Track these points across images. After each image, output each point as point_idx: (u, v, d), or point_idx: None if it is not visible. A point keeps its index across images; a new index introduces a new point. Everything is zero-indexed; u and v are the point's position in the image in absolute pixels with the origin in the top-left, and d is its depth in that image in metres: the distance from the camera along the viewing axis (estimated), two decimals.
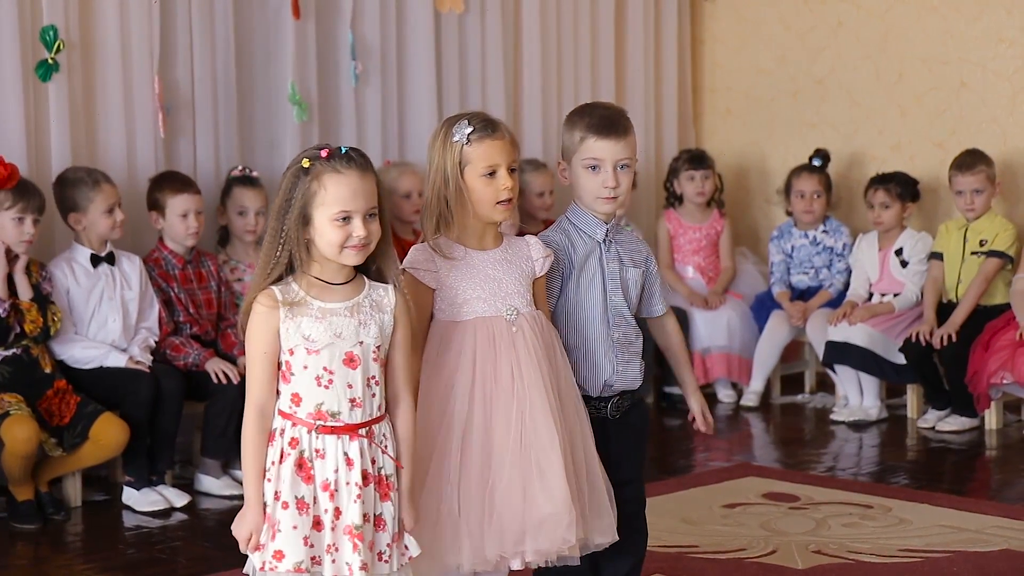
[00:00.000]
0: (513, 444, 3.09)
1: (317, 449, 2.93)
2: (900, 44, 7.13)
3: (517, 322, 3.16)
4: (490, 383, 3.12)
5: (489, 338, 3.14)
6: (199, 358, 5.39)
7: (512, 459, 3.09)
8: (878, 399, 6.52)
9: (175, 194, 5.54)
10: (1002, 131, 6.81)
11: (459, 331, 3.15)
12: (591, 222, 3.37)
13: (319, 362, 2.92)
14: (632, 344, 3.39)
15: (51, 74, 5.48)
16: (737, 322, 6.94)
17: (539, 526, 3.07)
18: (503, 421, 3.10)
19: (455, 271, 3.16)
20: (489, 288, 3.17)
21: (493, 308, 3.16)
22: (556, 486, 3.07)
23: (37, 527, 4.96)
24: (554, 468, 3.07)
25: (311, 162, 2.92)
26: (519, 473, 3.08)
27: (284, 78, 6.14)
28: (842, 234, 6.96)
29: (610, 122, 3.33)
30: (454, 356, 3.14)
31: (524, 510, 3.07)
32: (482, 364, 3.12)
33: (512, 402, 3.10)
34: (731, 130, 7.79)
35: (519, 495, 3.08)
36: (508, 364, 3.12)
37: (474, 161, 3.15)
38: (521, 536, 3.08)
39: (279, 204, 2.93)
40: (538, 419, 3.10)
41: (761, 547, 4.55)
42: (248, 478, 2.94)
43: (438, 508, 3.08)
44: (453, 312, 3.16)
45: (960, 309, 6.25)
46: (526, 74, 7.06)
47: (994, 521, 4.79)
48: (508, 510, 3.07)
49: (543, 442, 3.09)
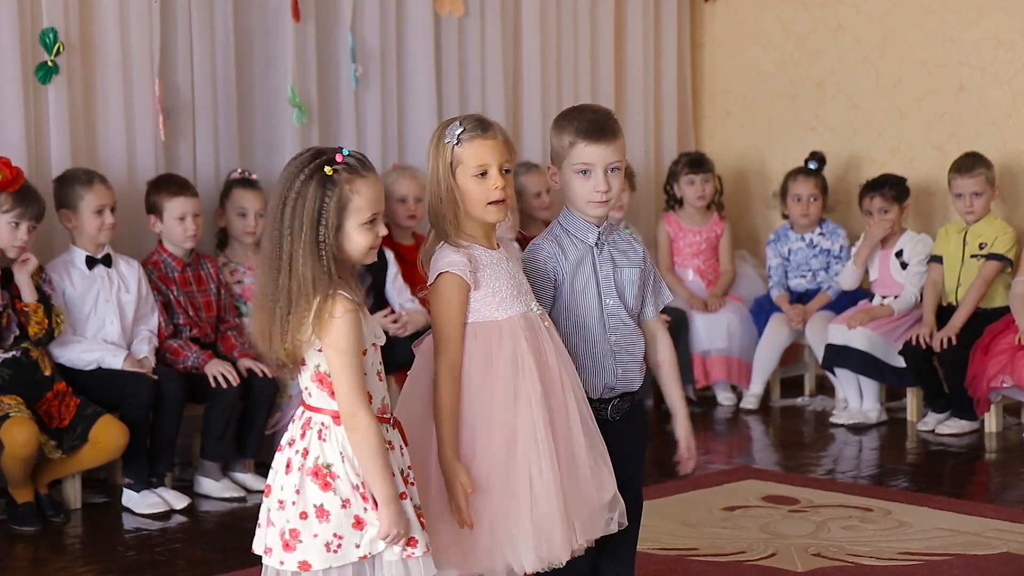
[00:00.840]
0: (566, 441, 3.14)
1: (390, 442, 2.98)
2: (899, 47, 7.13)
3: (544, 317, 3.19)
4: (545, 379, 3.13)
5: (533, 334, 3.15)
6: (198, 361, 5.39)
7: (572, 453, 3.14)
8: (878, 402, 6.52)
9: (172, 197, 5.54)
10: (1001, 134, 6.81)
11: (507, 328, 3.14)
12: (582, 227, 3.37)
13: (377, 358, 3.00)
14: (631, 346, 3.38)
15: (51, 76, 5.48)
16: (737, 325, 6.94)
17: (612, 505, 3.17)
18: (560, 416, 3.15)
19: (487, 270, 3.16)
20: (515, 285, 3.18)
21: (524, 305, 3.18)
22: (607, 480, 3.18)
23: (37, 529, 4.96)
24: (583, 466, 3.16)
25: (333, 169, 2.92)
26: (581, 467, 3.15)
27: (284, 81, 6.14)
28: (839, 236, 6.96)
29: (599, 126, 3.32)
30: (504, 353, 3.12)
31: (586, 503, 3.14)
32: (528, 361, 3.12)
33: (560, 398, 3.15)
34: (730, 133, 7.80)
35: (589, 484, 3.15)
36: (548, 361, 3.15)
37: (465, 161, 3.15)
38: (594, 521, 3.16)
39: (310, 216, 2.90)
40: (572, 415, 3.17)
41: (761, 550, 4.55)
42: (383, 477, 2.91)
43: (519, 515, 3.09)
44: (490, 312, 3.15)
45: (960, 312, 6.25)
46: (525, 77, 7.06)
47: (994, 524, 4.79)
48: (585, 500, 3.14)
49: (579, 438, 3.16)
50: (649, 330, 3.48)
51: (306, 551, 2.92)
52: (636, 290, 3.41)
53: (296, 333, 2.91)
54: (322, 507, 2.92)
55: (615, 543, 3.36)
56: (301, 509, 2.93)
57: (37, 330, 5.08)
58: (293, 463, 2.96)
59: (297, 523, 2.93)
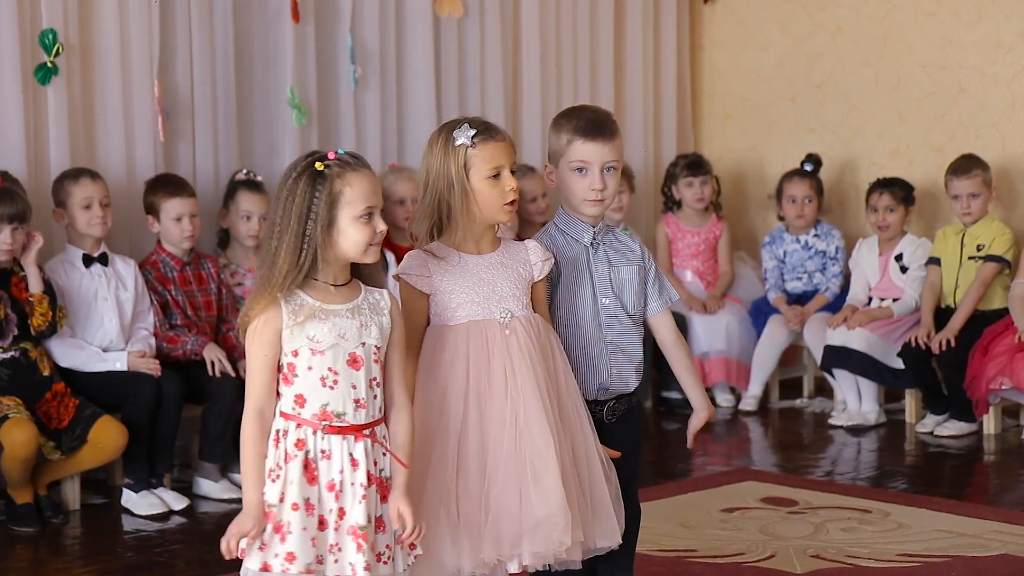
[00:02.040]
0: (508, 447, 3.09)
1: (323, 450, 2.94)
2: (899, 49, 7.13)
3: (511, 325, 3.16)
4: (484, 386, 3.12)
5: (482, 341, 3.14)
6: (197, 344, 5.39)
7: (506, 462, 3.09)
8: (876, 404, 6.52)
9: (169, 197, 5.53)
10: (1001, 136, 6.82)
11: (452, 334, 3.15)
12: (578, 226, 3.37)
13: (324, 363, 2.93)
14: (627, 346, 3.38)
15: (50, 77, 5.49)
16: (736, 326, 6.94)
17: (534, 529, 3.07)
18: (497, 424, 3.10)
19: (448, 275, 3.16)
20: (482, 291, 3.17)
21: (486, 311, 3.16)
22: (551, 488, 3.06)
23: (36, 530, 4.96)
24: (549, 471, 3.07)
25: (324, 165, 2.93)
26: (513, 476, 3.08)
27: (283, 82, 6.14)
28: (834, 237, 6.97)
29: (597, 125, 3.33)
30: (448, 360, 3.14)
31: (519, 513, 3.07)
32: (476, 367, 3.12)
33: (506, 405, 3.10)
34: (730, 135, 7.80)
35: (514, 498, 3.08)
36: (502, 367, 3.12)
37: (479, 164, 3.15)
38: (517, 538, 3.07)
39: (299, 211, 2.90)
40: (532, 421, 3.10)
41: (759, 551, 4.55)
42: (250, 480, 2.94)
43: (436, 512, 3.08)
44: (446, 316, 3.17)
45: (958, 314, 6.25)
46: (525, 78, 7.06)
47: (992, 526, 4.79)
48: (503, 513, 3.07)
49: (537, 444, 3.09)
50: (658, 326, 3.48)
51: None
52: (636, 288, 3.40)
53: (245, 319, 2.96)
54: (269, 508, 2.94)
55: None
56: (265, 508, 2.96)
57: (40, 322, 5.08)
58: None
59: None
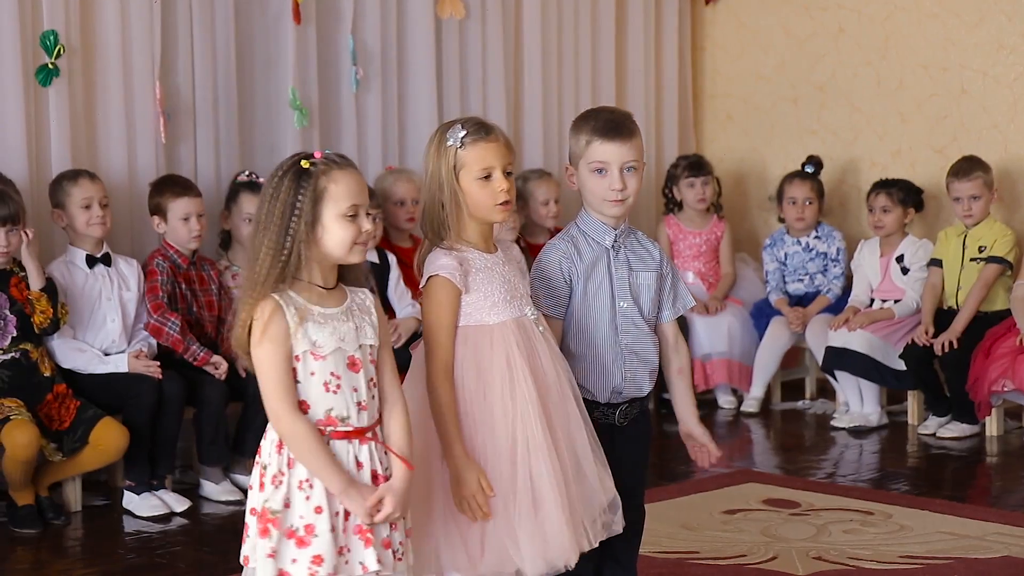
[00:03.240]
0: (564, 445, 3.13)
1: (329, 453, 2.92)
2: (901, 51, 7.13)
3: (539, 322, 3.18)
4: (540, 382, 3.12)
5: (526, 338, 3.15)
6: (202, 352, 5.39)
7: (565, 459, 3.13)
8: (878, 405, 6.52)
9: (176, 198, 5.53)
10: (1003, 138, 6.81)
11: (499, 333, 3.13)
12: (599, 228, 3.37)
13: (326, 368, 2.91)
14: (643, 350, 3.37)
15: (51, 79, 5.48)
16: (737, 328, 6.94)
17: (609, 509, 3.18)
18: (556, 422, 3.13)
19: (480, 274, 3.16)
20: (508, 289, 3.17)
21: (518, 309, 3.17)
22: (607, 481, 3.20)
23: (37, 532, 4.95)
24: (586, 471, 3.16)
25: (310, 163, 2.92)
26: (580, 474, 3.15)
27: (285, 83, 6.14)
28: (835, 239, 6.96)
29: (615, 125, 3.33)
30: (495, 359, 3.12)
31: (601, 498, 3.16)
32: (521, 366, 3.11)
33: (556, 403, 3.14)
34: (731, 136, 7.79)
35: (596, 487, 3.16)
36: (543, 365, 3.15)
37: (469, 164, 3.15)
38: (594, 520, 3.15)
39: (282, 209, 2.90)
40: (572, 420, 3.16)
41: (761, 553, 4.54)
42: (329, 470, 2.88)
43: (522, 519, 3.08)
44: (481, 315, 3.15)
45: (961, 316, 6.24)
46: (527, 80, 7.06)
47: (995, 528, 4.79)
48: (592, 502, 3.15)
49: (578, 444, 3.15)
50: (664, 333, 3.47)
51: (249, 547, 2.92)
52: (652, 294, 3.40)
53: (242, 322, 2.91)
54: (254, 508, 2.92)
55: (618, 548, 3.36)
56: (251, 505, 2.94)
57: (42, 319, 5.07)
58: (256, 460, 2.98)
59: (248, 518, 2.94)
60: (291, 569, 2.87)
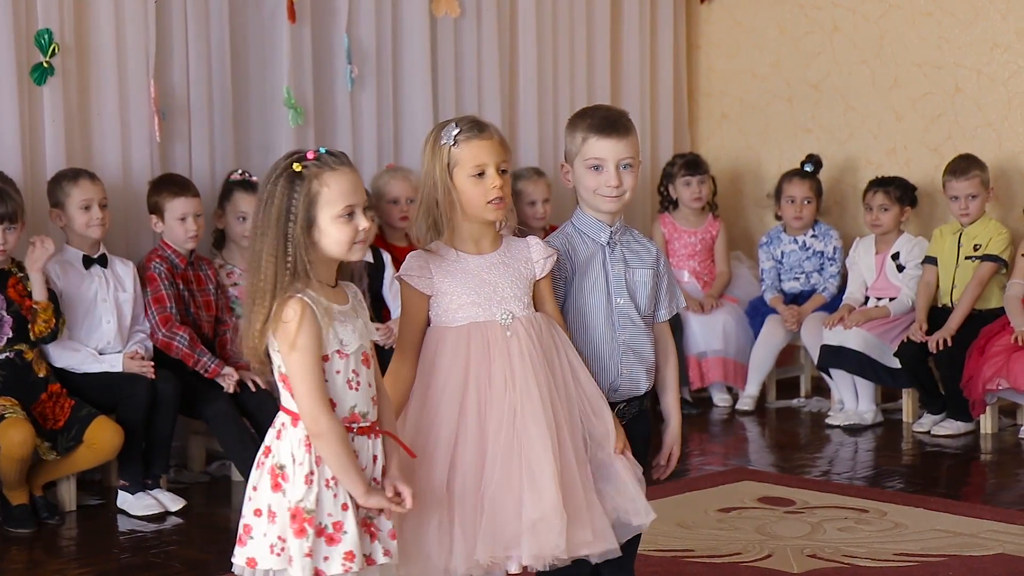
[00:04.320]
0: (504, 449, 3.09)
1: (355, 451, 2.94)
2: (895, 49, 7.13)
3: (512, 327, 3.16)
4: (484, 389, 3.12)
5: (483, 343, 3.14)
6: (214, 363, 5.38)
7: (503, 463, 3.08)
8: (873, 403, 6.52)
9: (173, 197, 5.53)
10: (997, 136, 6.82)
11: (453, 336, 3.15)
12: (595, 225, 3.37)
13: (349, 365, 2.93)
14: (640, 347, 3.37)
15: (46, 78, 5.48)
16: (732, 326, 6.94)
17: (530, 530, 3.06)
18: (495, 427, 3.10)
19: (449, 276, 3.16)
20: (484, 293, 3.17)
21: (487, 313, 3.16)
22: (546, 491, 3.06)
23: (31, 531, 4.95)
24: (545, 473, 3.07)
25: (302, 165, 2.92)
26: (509, 478, 3.08)
27: (279, 82, 6.14)
28: (832, 238, 6.96)
29: (611, 122, 3.33)
30: (448, 361, 3.14)
31: (514, 514, 3.07)
32: (476, 370, 3.12)
33: (504, 408, 3.10)
34: (726, 135, 7.80)
35: (509, 500, 3.07)
36: (502, 369, 3.12)
37: (462, 162, 3.16)
38: (513, 540, 3.07)
39: (278, 214, 2.89)
40: (530, 423, 3.09)
41: (756, 551, 4.55)
42: (353, 473, 2.90)
43: (429, 512, 3.08)
44: (447, 318, 3.17)
45: (956, 314, 6.25)
46: (522, 78, 7.06)
47: (989, 525, 4.79)
48: (499, 514, 3.07)
49: (535, 446, 3.08)
50: (656, 329, 3.47)
51: (255, 548, 2.92)
52: (649, 291, 3.40)
53: (255, 331, 2.90)
54: (271, 507, 2.91)
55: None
56: (256, 506, 2.93)
57: (43, 328, 5.07)
58: (261, 460, 2.97)
59: (251, 519, 2.93)
60: (324, 567, 2.89)
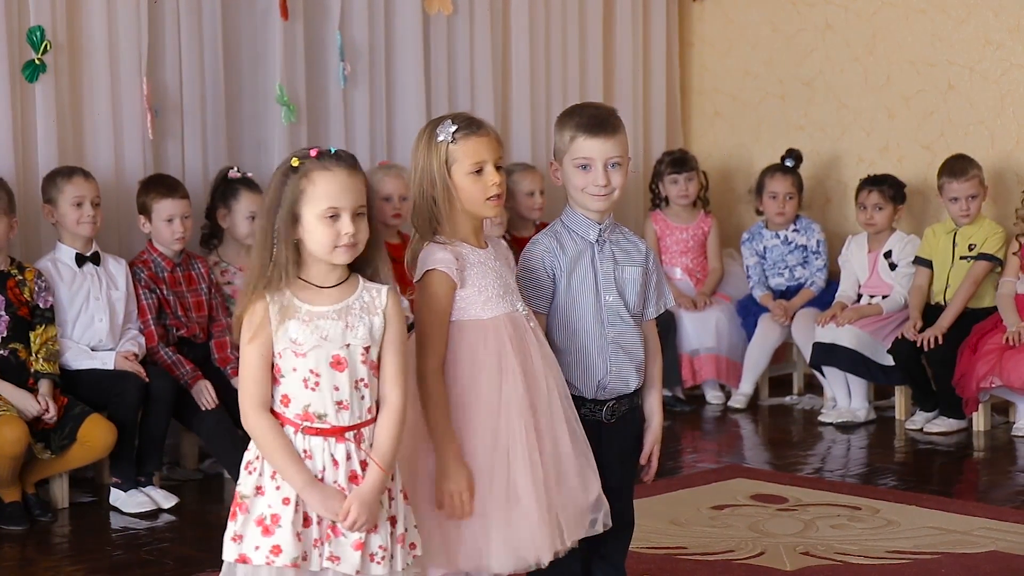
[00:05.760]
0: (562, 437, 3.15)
1: (305, 450, 2.94)
2: (888, 46, 7.14)
3: (530, 317, 3.18)
4: (530, 378, 3.13)
5: (519, 334, 3.15)
6: (189, 377, 5.37)
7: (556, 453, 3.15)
8: (866, 401, 6.52)
9: (161, 199, 5.51)
10: (990, 134, 6.82)
11: (492, 328, 3.14)
12: (583, 223, 3.37)
13: (306, 364, 2.93)
14: (629, 344, 3.37)
15: (38, 75, 5.47)
16: (725, 324, 6.94)
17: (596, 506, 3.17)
18: (542, 416, 3.14)
19: (473, 269, 3.16)
20: (501, 285, 3.18)
21: (510, 305, 3.18)
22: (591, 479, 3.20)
23: (24, 529, 4.94)
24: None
25: (300, 161, 2.95)
26: (574, 468, 3.16)
27: (272, 79, 6.13)
28: (814, 231, 6.96)
29: (599, 121, 3.33)
30: (488, 353, 3.12)
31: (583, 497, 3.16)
32: (511, 361, 3.12)
33: (542, 397, 3.15)
34: (719, 132, 7.80)
35: (576, 485, 3.15)
36: (532, 360, 3.15)
37: (461, 159, 3.16)
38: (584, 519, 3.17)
39: (269, 203, 2.95)
40: (556, 415, 3.16)
41: (749, 549, 4.55)
42: (292, 469, 2.91)
43: (496, 515, 3.09)
44: (474, 311, 3.15)
45: (948, 312, 6.25)
46: (514, 76, 7.05)
47: (981, 523, 4.80)
48: (571, 501, 3.14)
49: (562, 440, 3.16)
50: (643, 328, 3.47)
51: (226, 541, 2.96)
52: (638, 289, 3.40)
53: (236, 320, 2.98)
54: (242, 500, 2.96)
55: (608, 546, 3.36)
56: (238, 500, 2.98)
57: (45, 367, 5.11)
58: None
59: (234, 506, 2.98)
60: (252, 555, 2.92)
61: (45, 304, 5.18)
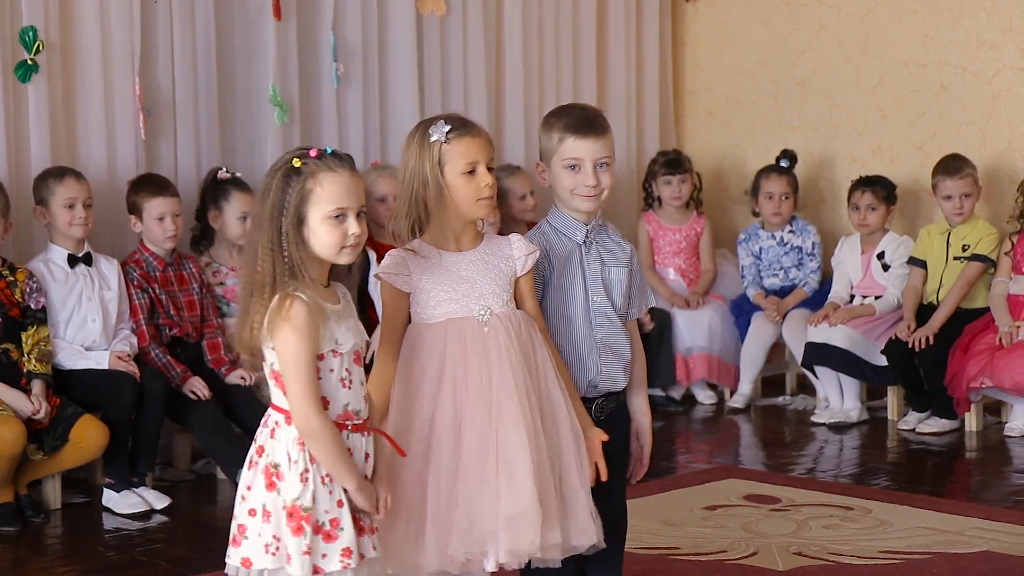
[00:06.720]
0: (480, 445, 3.09)
1: (348, 449, 2.94)
2: (880, 47, 7.14)
3: (490, 323, 3.16)
4: (460, 385, 3.12)
5: (460, 339, 3.14)
6: (179, 378, 5.37)
7: (479, 459, 3.09)
8: (858, 401, 6.53)
9: (152, 197, 5.51)
10: (982, 134, 6.83)
11: (430, 333, 3.16)
12: (571, 224, 3.37)
13: (342, 364, 2.94)
14: (617, 344, 3.37)
15: (30, 75, 5.47)
16: (718, 323, 6.94)
17: (506, 526, 3.07)
18: (470, 423, 3.11)
19: (427, 274, 3.16)
20: (461, 289, 3.17)
21: (465, 309, 3.16)
22: (523, 487, 3.06)
23: (16, 530, 4.94)
24: (522, 469, 3.07)
25: (302, 162, 2.92)
26: (485, 474, 3.08)
27: (265, 80, 6.13)
28: (810, 233, 6.97)
29: (588, 121, 3.33)
30: (424, 358, 3.15)
31: (490, 510, 3.07)
32: (452, 365, 3.13)
33: (479, 404, 3.11)
34: (712, 132, 7.80)
35: (485, 495, 3.08)
36: (478, 365, 3.13)
37: (454, 159, 3.15)
38: (489, 535, 3.07)
39: (272, 207, 2.90)
40: (507, 419, 3.09)
41: (742, 549, 4.55)
42: (348, 471, 2.91)
43: (406, 509, 3.08)
44: (425, 315, 3.17)
45: (940, 312, 6.25)
46: (508, 76, 7.05)
47: (974, 523, 4.80)
48: (473, 509, 3.08)
49: (511, 442, 3.08)
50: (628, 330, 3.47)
51: (249, 548, 2.91)
52: (624, 289, 3.41)
53: (253, 323, 2.90)
54: (265, 507, 2.91)
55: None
56: (250, 506, 2.93)
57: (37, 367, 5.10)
58: (254, 459, 2.97)
59: (245, 519, 2.93)
60: (323, 564, 2.90)
61: (36, 305, 5.18)
